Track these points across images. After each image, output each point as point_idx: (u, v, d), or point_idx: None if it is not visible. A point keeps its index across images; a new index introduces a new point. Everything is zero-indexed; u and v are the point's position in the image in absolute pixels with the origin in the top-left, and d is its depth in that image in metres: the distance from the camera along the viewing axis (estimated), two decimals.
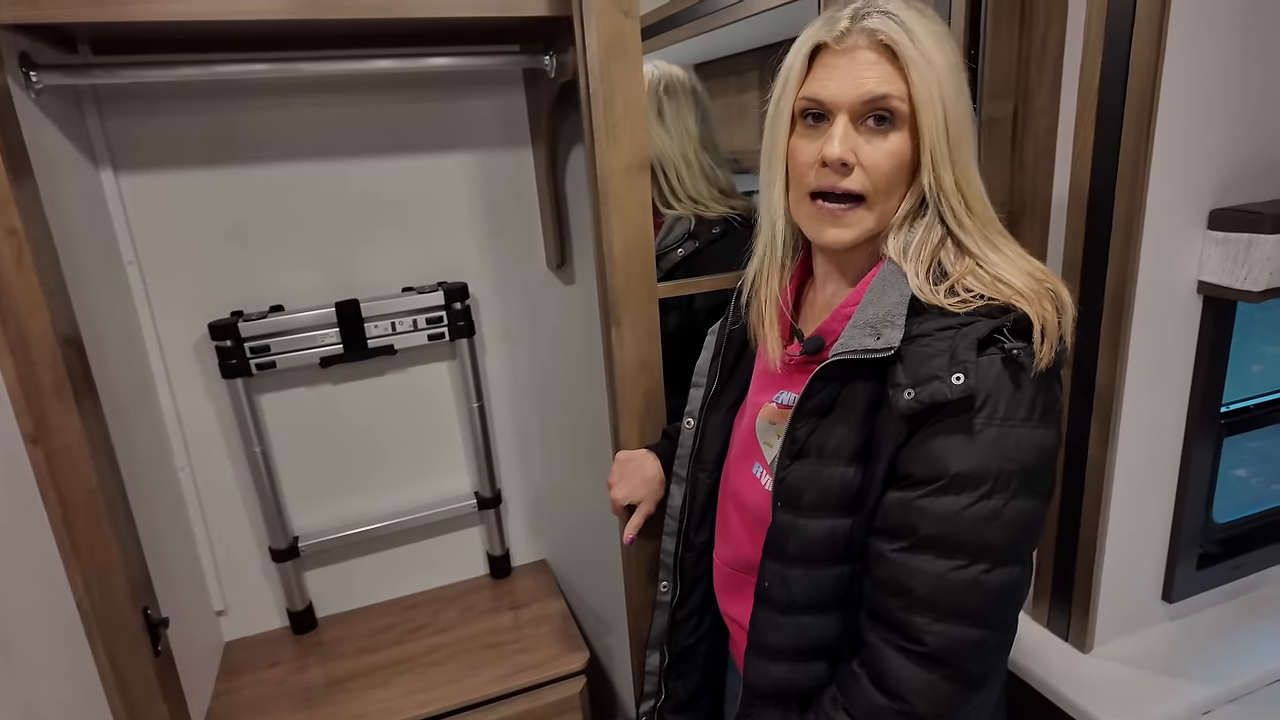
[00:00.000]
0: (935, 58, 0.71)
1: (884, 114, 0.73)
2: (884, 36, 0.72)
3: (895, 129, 0.74)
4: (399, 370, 1.47)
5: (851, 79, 0.73)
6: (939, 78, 0.71)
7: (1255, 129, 1.08)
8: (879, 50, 0.72)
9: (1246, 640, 1.24)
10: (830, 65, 0.75)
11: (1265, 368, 1.35)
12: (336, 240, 1.38)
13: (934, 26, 0.73)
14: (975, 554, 0.68)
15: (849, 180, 0.75)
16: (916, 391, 0.68)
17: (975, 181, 0.76)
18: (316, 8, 0.99)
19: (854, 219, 0.76)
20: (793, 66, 0.78)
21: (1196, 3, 0.97)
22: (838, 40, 0.74)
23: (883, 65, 0.72)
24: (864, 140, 0.74)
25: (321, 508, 1.49)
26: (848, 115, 0.74)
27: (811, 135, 0.77)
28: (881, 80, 0.72)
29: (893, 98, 0.72)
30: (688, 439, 1.03)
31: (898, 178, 0.75)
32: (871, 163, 0.74)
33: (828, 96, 0.74)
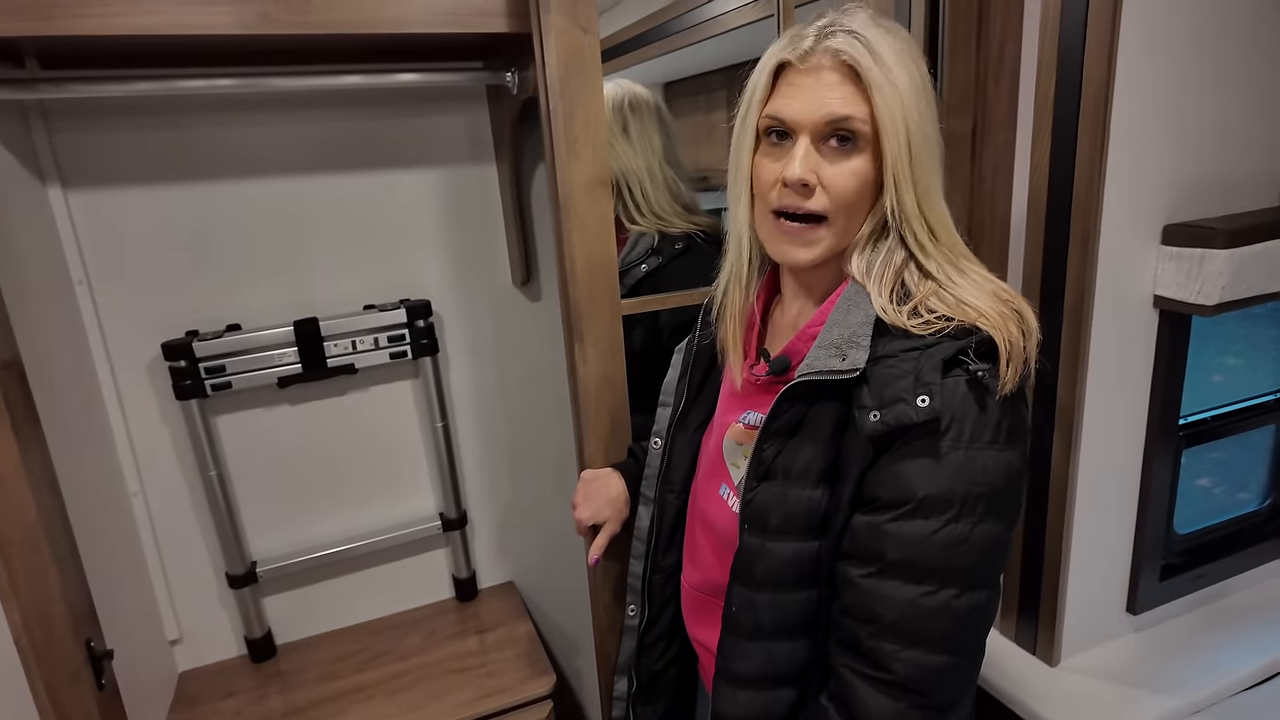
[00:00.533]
0: (900, 79, 0.70)
1: (846, 135, 0.73)
2: (847, 57, 0.71)
3: (858, 150, 0.73)
4: (360, 390, 1.44)
5: (814, 99, 0.72)
6: (902, 100, 0.70)
7: (1205, 146, 1.10)
8: (842, 70, 0.72)
9: (1210, 652, 1.25)
10: (794, 84, 0.74)
11: (1226, 378, 1.37)
12: (296, 258, 1.36)
13: (901, 46, 0.72)
14: (944, 579, 0.68)
15: (811, 201, 0.74)
16: (882, 414, 0.68)
17: (939, 207, 0.75)
18: (268, 23, 0.97)
19: (815, 238, 0.76)
20: (757, 84, 0.77)
21: (1144, 25, 1.00)
22: (801, 59, 0.73)
23: (846, 86, 0.72)
24: (826, 161, 0.74)
25: (280, 531, 1.46)
26: (810, 135, 0.73)
27: (775, 154, 0.76)
28: (844, 101, 0.71)
29: (855, 119, 0.71)
30: (655, 459, 1.01)
31: (860, 198, 0.74)
32: (833, 183, 0.73)
33: (790, 116, 0.74)
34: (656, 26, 1.73)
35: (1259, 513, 1.43)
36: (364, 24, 1.01)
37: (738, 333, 0.89)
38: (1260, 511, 1.43)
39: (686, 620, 0.99)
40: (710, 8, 1.58)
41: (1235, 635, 1.28)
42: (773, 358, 0.83)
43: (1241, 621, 1.31)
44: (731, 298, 0.89)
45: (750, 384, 0.86)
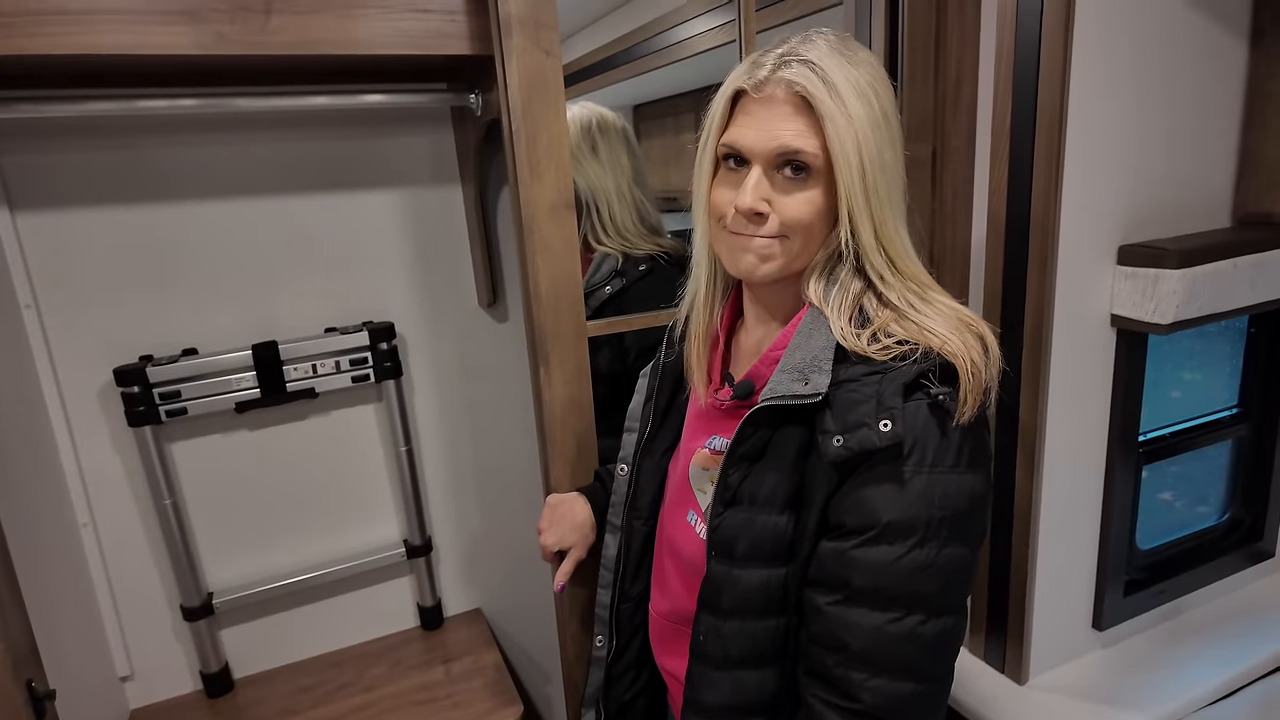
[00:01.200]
0: (856, 110, 0.69)
1: (800, 165, 0.72)
2: (800, 88, 0.70)
3: (812, 179, 0.73)
4: (321, 414, 1.41)
5: (767, 130, 0.72)
6: (857, 131, 0.69)
7: (1157, 170, 1.13)
8: (796, 102, 0.71)
9: (1174, 667, 1.26)
10: (749, 113, 0.74)
11: (1184, 393, 1.40)
12: (255, 280, 1.33)
13: (859, 75, 0.71)
14: (910, 605, 0.67)
15: (764, 228, 0.74)
16: (845, 439, 0.68)
17: (898, 238, 0.74)
18: (225, 44, 0.95)
19: (770, 251, 0.75)
20: (716, 111, 0.77)
21: (1096, 55, 1.02)
22: (756, 88, 0.73)
23: (799, 117, 0.71)
24: (779, 190, 0.74)
25: (238, 561, 1.41)
26: (763, 164, 0.73)
27: (731, 180, 0.76)
28: (797, 134, 0.71)
29: (806, 152, 0.71)
30: (622, 486, 1.00)
31: (815, 225, 0.74)
32: (787, 212, 0.73)
33: (744, 145, 0.74)
34: (624, 50, 1.75)
35: (1217, 527, 1.46)
36: (323, 45, 1.00)
37: (702, 355, 0.88)
38: (1218, 526, 1.46)
39: (655, 650, 0.97)
40: (676, 32, 1.59)
41: (1197, 650, 1.29)
42: (736, 382, 0.82)
43: (1203, 636, 1.32)
44: (695, 320, 0.89)
45: (715, 408, 0.86)
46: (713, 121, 0.78)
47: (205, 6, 0.94)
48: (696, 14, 1.52)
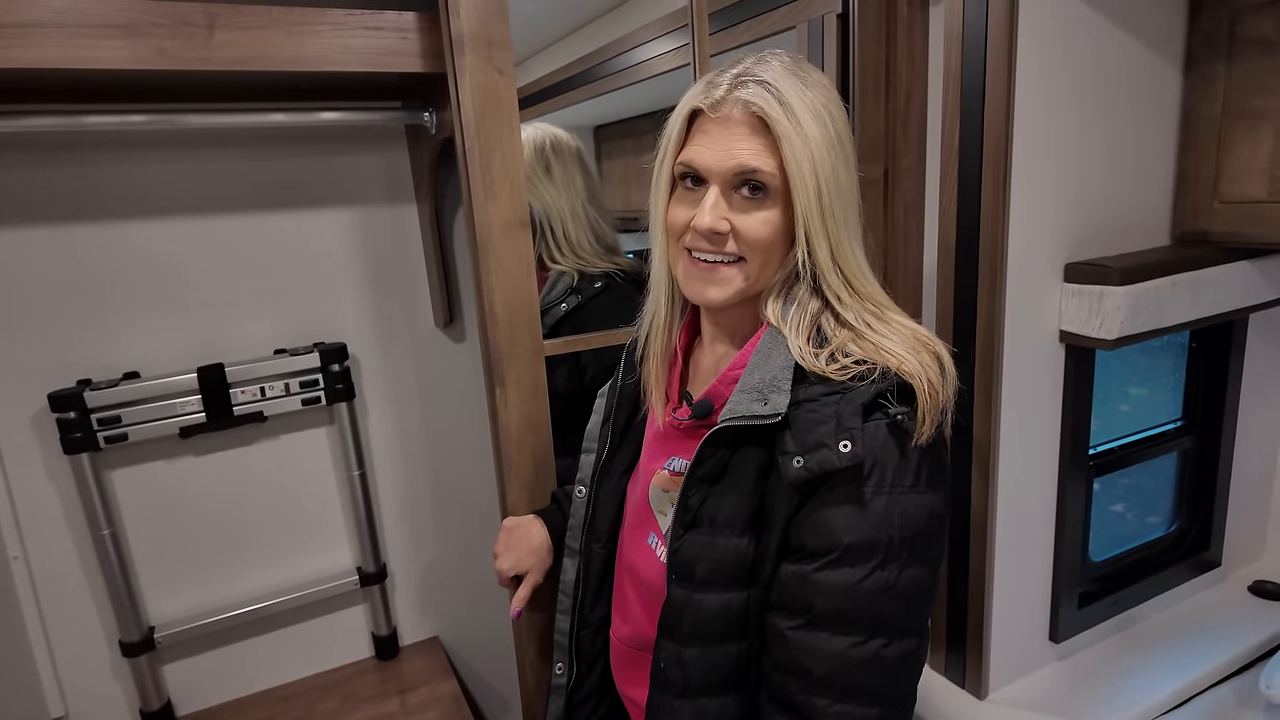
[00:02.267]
0: (811, 131, 0.70)
1: (757, 185, 0.72)
2: (756, 108, 0.70)
3: (769, 199, 0.73)
4: (270, 438, 1.37)
5: (724, 149, 0.72)
6: (813, 152, 0.70)
7: (1101, 190, 1.16)
8: (752, 122, 0.71)
9: (1129, 677, 1.28)
10: (706, 132, 0.74)
11: (1132, 407, 1.43)
12: (202, 301, 1.29)
13: (814, 96, 0.71)
14: (872, 628, 0.67)
15: (724, 247, 0.74)
16: (805, 460, 0.67)
17: (855, 258, 0.74)
18: (165, 59, 0.93)
19: (728, 277, 0.75)
20: (672, 130, 0.77)
21: (1038, 79, 1.05)
22: (713, 108, 0.73)
23: (756, 137, 0.71)
24: (737, 210, 0.73)
25: (182, 593, 1.36)
26: (720, 184, 0.73)
27: (688, 199, 0.76)
28: (754, 153, 0.71)
29: (764, 171, 0.71)
30: (579, 508, 0.98)
31: (773, 246, 0.74)
32: (745, 231, 0.73)
33: (701, 164, 0.74)
34: (584, 71, 1.75)
35: (1165, 538, 1.49)
36: (270, 62, 0.98)
37: (660, 375, 0.88)
38: (1166, 537, 1.49)
39: (616, 677, 0.95)
40: (634, 54, 1.60)
41: (1150, 660, 1.31)
42: (695, 401, 0.82)
43: (1155, 645, 1.35)
44: (654, 339, 0.88)
45: (673, 428, 0.85)
46: (669, 141, 0.77)
47: (144, 21, 0.92)
48: (653, 37, 1.53)
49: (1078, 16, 1.08)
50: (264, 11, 0.98)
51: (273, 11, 0.98)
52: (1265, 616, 1.39)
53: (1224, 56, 1.15)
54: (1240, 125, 1.15)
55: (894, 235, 1.25)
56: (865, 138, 1.22)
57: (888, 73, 1.21)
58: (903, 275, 1.25)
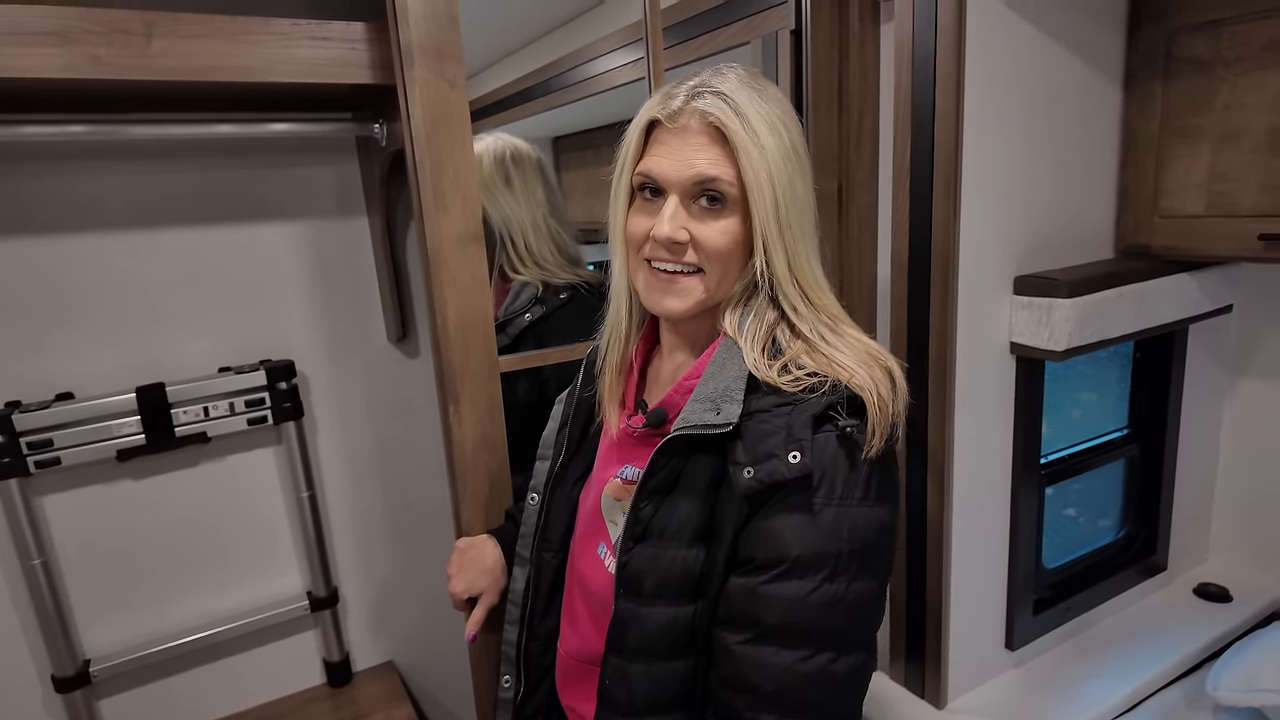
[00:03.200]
0: (768, 142, 0.71)
1: (715, 195, 0.73)
2: (714, 119, 0.71)
3: (727, 210, 0.73)
4: (214, 460, 1.32)
5: (682, 159, 0.72)
6: (769, 163, 0.71)
7: (1048, 204, 1.19)
8: (709, 132, 0.72)
9: (1083, 683, 1.30)
10: (664, 143, 0.74)
11: (1084, 413, 1.47)
12: (141, 318, 1.24)
13: (771, 109, 0.72)
14: (820, 642, 0.66)
15: (684, 257, 0.74)
16: (756, 470, 0.67)
17: (811, 270, 0.75)
18: (101, 67, 0.89)
19: (688, 288, 0.75)
20: (630, 141, 0.77)
21: (986, 96, 1.07)
22: (670, 118, 0.73)
23: (713, 147, 0.72)
24: (696, 219, 0.74)
25: (120, 623, 1.30)
26: (679, 194, 0.73)
27: (647, 209, 0.76)
28: (712, 162, 0.72)
29: (722, 180, 0.72)
30: (532, 516, 0.96)
31: (732, 256, 0.74)
32: (704, 241, 0.73)
33: (660, 174, 0.74)
34: (542, 82, 1.74)
35: (1114, 544, 1.52)
36: (211, 72, 0.95)
37: (616, 383, 0.87)
38: (1115, 543, 1.52)
39: (561, 691, 0.93)
40: (591, 66, 1.60)
41: (1103, 665, 1.33)
42: (650, 410, 0.81)
43: (1107, 650, 1.37)
44: (611, 350, 0.88)
45: (627, 436, 0.84)
46: (627, 152, 0.78)
47: (78, 28, 0.88)
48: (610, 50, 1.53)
49: (1023, 36, 1.10)
50: (205, 20, 0.94)
51: (214, 20, 0.95)
52: (1210, 619, 1.43)
53: (1161, 76, 1.19)
54: (1177, 142, 1.19)
55: (848, 249, 1.26)
56: (820, 152, 1.23)
57: (841, 89, 1.23)
58: (857, 288, 1.26)
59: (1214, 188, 1.16)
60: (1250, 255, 1.14)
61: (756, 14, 1.26)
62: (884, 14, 1.18)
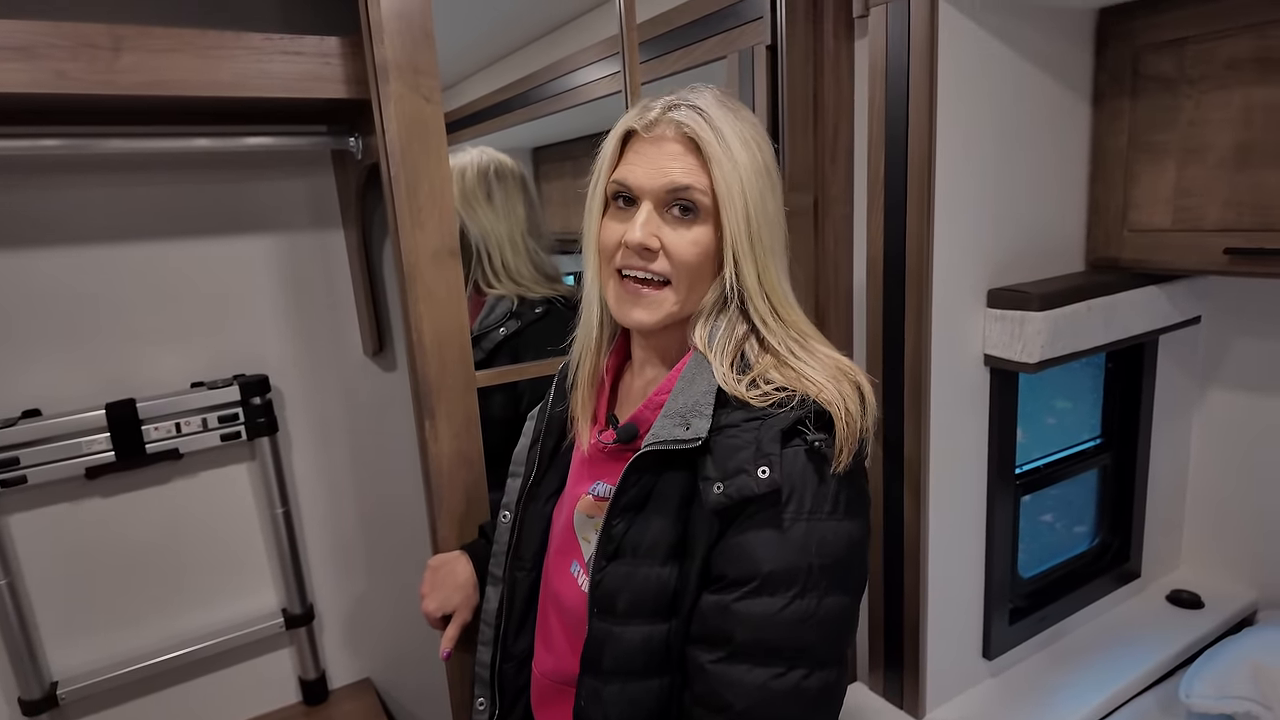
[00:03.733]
0: (740, 157, 0.72)
1: (688, 204, 0.74)
2: (688, 129, 0.72)
3: (699, 220, 0.74)
4: (186, 476, 1.30)
5: (656, 167, 0.74)
6: (742, 176, 0.72)
7: (1019, 218, 1.21)
8: (684, 142, 0.73)
9: (1059, 691, 1.31)
10: (639, 152, 0.75)
11: (1058, 420, 1.48)
12: (112, 334, 1.22)
13: (744, 127, 0.74)
14: (793, 659, 0.67)
15: (654, 264, 0.75)
16: (725, 485, 0.67)
17: (781, 286, 0.76)
18: (66, 82, 0.88)
19: (657, 300, 0.76)
20: (606, 151, 0.79)
21: (958, 113, 1.09)
22: (647, 129, 0.75)
23: (688, 157, 0.73)
24: (669, 228, 0.75)
25: (90, 644, 1.27)
26: (652, 201, 0.74)
27: (621, 217, 0.77)
28: (685, 171, 0.73)
29: (695, 190, 0.73)
30: (504, 534, 0.95)
31: (702, 267, 0.75)
32: (675, 250, 0.74)
33: (634, 182, 0.75)
34: (521, 94, 1.74)
35: (1088, 552, 1.54)
36: (182, 86, 0.94)
37: (587, 398, 0.87)
38: (1089, 551, 1.54)
39: (536, 711, 0.92)
40: (569, 79, 1.60)
41: (1078, 673, 1.35)
42: (621, 425, 0.81)
43: (1082, 658, 1.39)
44: (583, 363, 0.88)
45: (599, 452, 0.84)
46: (603, 161, 0.79)
47: (43, 43, 0.87)
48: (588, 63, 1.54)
49: (994, 54, 1.12)
50: (175, 34, 0.93)
51: (184, 34, 0.94)
52: (1182, 625, 1.45)
53: (1128, 92, 1.21)
54: (1144, 158, 1.21)
55: (824, 263, 1.27)
56: (795, 167, 1.24)
57: (816, 104, 1.24)
58: (833, 302, 1.27)
59: (1180, 202, 1.18)
60: (1216, 268, 1.16)
61: (732, 29, 1.27)
62: (858, 30, 1.20)
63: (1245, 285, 1.42)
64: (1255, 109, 1.08)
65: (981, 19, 1.09)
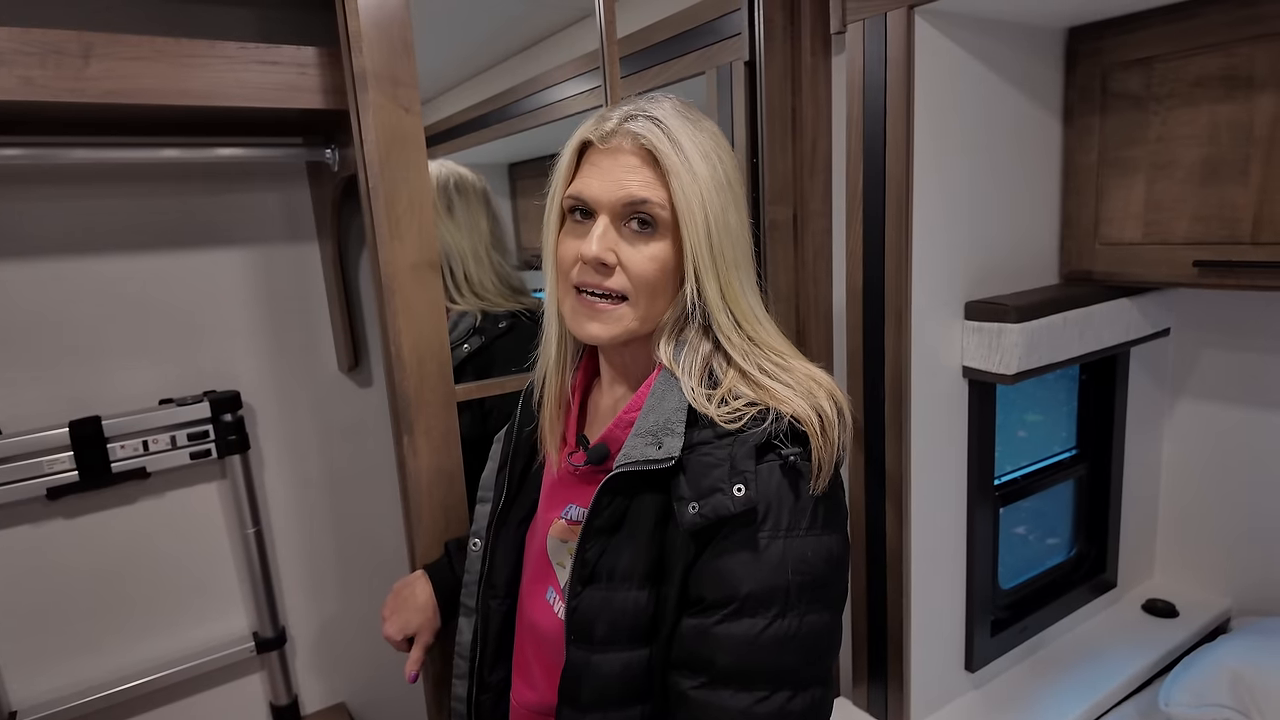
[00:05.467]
0: (700, 169, 0.70)
1: (646, 218, 0.71)
2: (646, 141, 0.70)
3: (658, 234, 0.72)
4: (154, 496, 1.26)
5: (613, 180, 0.71)
6: (701, 189, 0.70)
7: (995, 232, 1.22)
8: (641, 154, 0.71)
9: (1041, 702, 1.31)
10: (595, 164, 0.73)
11: (1029, 433, 1.50)
12: (76, 349, 1.19)
13: (703, 139, 0.72)
14: (776, 681, 0.65)
15: (610, 280, 0.72)
16: (700, 505, 0.66)
17: (745, 300, 0.74)
18: (33, 89, 0.85)
19: (614, 315, 0.73)
20: (562, 163, 0.76)
21: (934, 126, 1.10)
22: (603, 140, 0.73)
23: (645, 169, 0.71)
24: (626, 242, 0.72)
25: (51, 672, 1.22)
26: (609, 215, 0.72)
27: (578, 232, 0.74)
28: (643, 184, 0.71)
29: (653, 203, 0.71)
30: (475, 562, 0.92)
31: (661, 282, 0.73)
32: (632, 265, 0.72)
33: (590, 195, 0.72)
34: (497, 110, 1.74)
35: (1066, 563, 1.55)
36: (153, 95, 0.92)
37: (555, 418, 0.85)
38: (1067, 561, 1.55)
39: None
40: (547, 94, 1.60)
41: (1059, 684, 1.35)
42: (591, 445, 0.79)
43: (1062, 668, 1.39)
44: (549, 381, 0.85)
45: (569, 474, 0.82)
46: (559, 173, 0.77)
47: (9, 49, 0.84)
48: (566, 78, 1.54)
49: (970, 71, 1.14)
50: (147, 42, 0.92)
51: (156, 42, 0.92)
52: (1159, 634, 1.46)
53: (1098, 109, 1.24)
54: (1115, 173, 1.24)
55: (804, 276, 1.27)
56: (774, 181, 1.25)
57: (794, 119, 1.25)
58: (813, 315, 1.27)
59: (1150, 216, 1.20)
60: (1186, 281, 1.18)
61: (711, 45, 1.27)
62: (835, 47, 1.21)
63: (1212, 298, 1.46)
64: (1221, 126, 1.10)
65: (956, 36, 1.11)
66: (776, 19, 1.21)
